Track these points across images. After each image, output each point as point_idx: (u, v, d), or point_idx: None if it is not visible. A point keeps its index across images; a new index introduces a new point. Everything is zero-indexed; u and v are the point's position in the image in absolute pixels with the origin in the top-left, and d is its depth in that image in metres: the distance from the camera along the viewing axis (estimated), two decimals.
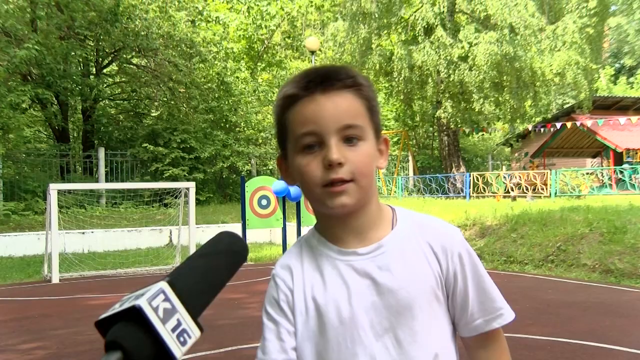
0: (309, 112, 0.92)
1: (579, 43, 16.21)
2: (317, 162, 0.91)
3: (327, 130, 0.91)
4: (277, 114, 0.98)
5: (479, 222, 10.96)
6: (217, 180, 19.27)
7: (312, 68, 0.98)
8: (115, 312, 0.56)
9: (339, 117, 0.91)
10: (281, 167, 1.02)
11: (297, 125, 0.93)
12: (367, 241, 0.97)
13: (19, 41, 13.92)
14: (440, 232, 1.00)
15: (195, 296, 0.60)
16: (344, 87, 0.93)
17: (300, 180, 0.95)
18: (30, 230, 12.52)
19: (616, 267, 7.89)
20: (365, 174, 0.92)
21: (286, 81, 0.98)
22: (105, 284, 8.84)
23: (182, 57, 17.65)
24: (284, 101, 0.95)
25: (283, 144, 0.99)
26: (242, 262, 0.69)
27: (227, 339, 4.98)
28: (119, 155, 17.72)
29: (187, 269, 0.63)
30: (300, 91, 0.93)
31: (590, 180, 16.96)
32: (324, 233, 1.00)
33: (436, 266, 0.97)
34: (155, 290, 0.57)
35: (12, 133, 15.40)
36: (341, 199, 0.91)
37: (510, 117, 18.38)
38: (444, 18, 17.00)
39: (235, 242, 0.70)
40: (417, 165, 23.00)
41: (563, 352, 4.47)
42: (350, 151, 0.91)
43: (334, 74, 0.94)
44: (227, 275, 0.66)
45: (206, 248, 0.67)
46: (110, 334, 0.54)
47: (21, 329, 5.76)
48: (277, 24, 24.12)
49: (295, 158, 0.94)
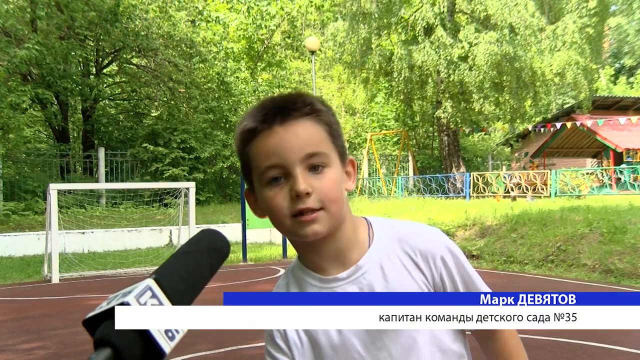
0: (270, 145, 0.90)
1: (579, 43, 16.21)
2: (283, 193, 0.90)
3: (291, 162, 0.89)
4: (239, 148, 0.96)
5: (479, 222, 10.97)
6: (217, 180, 19.27)
7: (268, 99, 0.96)
8: (103, 310, 0.56)
9: (300, 147, 0.89)
10: (249, 200, 1.00)
11: (260, 160, 0.91)
12: (346, 265, 0.96)
13: (19, 41, 13.92)
14: (419, 239, 0.98)
15: (181, 292, 0.61)
16: (301, 115, 0.91)
17: (269, 213, 0.94)
18: (30, 230, 12.53)
19: (616, 267, 7.89)
20: (334, 200, 0.91)
21: (244, 114, 0.96)
22: (105, 284, 8.84)
23: (182, 57, 17.65)
24: (244, 135, 0.93)
25: (248, 178, 0.97)
26: (223, 258, 0.70)
27: (227, 339, 4.97)
28: (119, 155, 17.72)
29: (172, 266, 0.64)
30: (258, 125, 0.91)
31: (590, 180, 16.96)
32: (305, 263, 1.00)
33: (420, 276, 0.96)
34: (142, 287, 0.58)
35: (12, 133, 15.40)
36: (312, 227, 0.90)
37: (510, 117, 18.38)
38: (444, 18, 17.00)
39: (217, 239, 0.71)
40: (417, 165, 23.00)
41: (563, 352, 4.47)
42: (316, 179, 0.90)
43: (290, 103, 0.92)
44: (210, 272, 0.67)
45: (189, 246, 0.68)
46: (99, 332, 0.55)
47: (21, 329, 5.76)
48: (277, 24, 24.12)
49: (262, 192, 0.92)
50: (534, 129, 20.34)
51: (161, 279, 0.60)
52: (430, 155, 25.81)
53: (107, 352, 0.53)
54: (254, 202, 0.98)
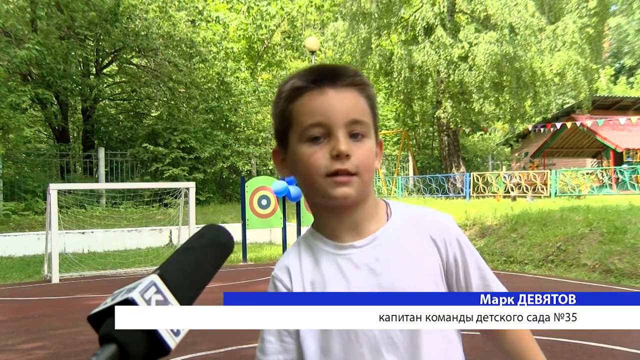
0: (317, 104, 0.93)
1: (579, 43, 16.21)
2: (322, 152, 0.92)
3: (336, 123, 0.92)
4: (281, 106, 0.98)
5: (479, 222, 10.97)
6: (217, 180, 19.27)
7: (317, 65, 0.99)
8: (108, 306, 0.56)
9: (347, 111, 0.93)
10: (277, 159, 1.03)
11: (305, 117, 0.94)
12: (363, 234, 0.98)
13: (19, 41, 13.92)
14: (437, 222, 1.02)
15: (185, 288, 0.61)
16: (351, 84, 0.95)
17: (301, 170, 0.95)
18: (30, 230, 12.52)
19: (616, 267, 7.89)
20: (369, 169, 0.95)
21: (289, 76, 0.99)
22: (105, 284, 8.83)
23: (182, 57, 17.65)
24: (291, 92, 0.96)
25: (283, 136, 0.99)
26: (227, 254, 0.70)
27: (227, 339, 4.97)
28: (119, 155, 17.72)
29: (176, 262, 0.64)
30: (309, 84, 0.94)
31: (590, 180, 16.96)
32: (321, 230, 1.01)
33: (436, 256, 0.99)
34: (146, 283, 0.58)
35: (12, 133, 15.40)
36: (344, 190, 0.92)
37: (510, 117, 18.37)
38: (444, 18, 17.00)
39: (220, 234, 0.71)
40: (417, 165, 23.00)
41: (563, 352, 4.47)
42: (356, 146, 0.93)
43: (342, 70, 0.96)
44: (214, 267, 0.67)
45: (192, 242, 0.68)
46: (104, 328, 0.55)
47: (21, 329, 5.76)
48: (277, 24, 24.12)
49: (299, 148, 0.95)
50: (534, 129, 20.35)
51: (165, 274, 0.60)
52: (430, 155, 25.81)
53: (112, 349, 0.53)
54: (282, 161, 1.01)
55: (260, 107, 21.32)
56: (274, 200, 10.85)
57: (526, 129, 21.71)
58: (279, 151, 1.02)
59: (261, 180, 11.19)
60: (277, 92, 1.01)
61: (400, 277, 0.95)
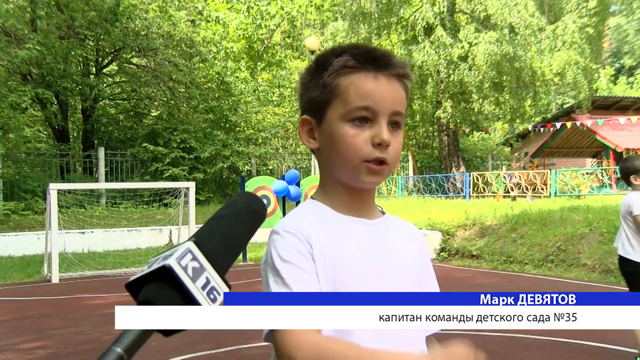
0: (370, 87, 0.94)
1: (578, 43, 16.21)
2: (365, 136, 0.94)
3: (383, 111, 0.94)
4: (325, 78, 0.97)
5: (478, 222, 10.96)
6: (217, 180, 19.26)
7: (367, 46, 1.00)
8: (145, 273, 0.57)
9: (394, 101, 0.95)
10: (304, 128, 1.02)
11: (355, 97, 0.94)
12: (369, 216, 1.03)
13: (19, 41, 13.91)
14: (415, 229, 1.12)
15: (220, 255, 0.61)
16: (401, 75, 0.98)
17: (338, 148, 0.96)
18: (30, 230, 12.52)
19: (616, 267, 7.88)
20: (397, 160, 1.00)
21: (336, 48, 0.99)
22: (105, 283, 8.83)
23: (182, 56, 17.64)
24: (342, 68, 0.96)
25: (320, 107, 0.98)
26: (261, 221, 0.71)
27: (227, 339, 4.97)
28: (118, 155, 17.72)
29: (210, 229, 0.64)
30: (365, 64, 0.95)
31: (590, 180, 16.96)
32: (330, 202, 1.01)
33: (419, 254, 1.07)
34: (182, 250, 0.58)
35: (12, 133, 15.40)
36: (376, 178, 0.96)
37: (510, 117, 18.38)
38: (444, 18, 17.00)
39: (254, 202, 0.71)
40: (417, 165, 23.00)
41: (563, 352, 4.47)
42: (393, 137, 0.96)
43: (393, 58, 0.98)
44: (247, 235, 0.68)
45: (226, 209, 0.68)
46: (143, 294, 0.56)
47: (21, 329, 5.76)
48: (277, 23, 24.11)
49: (341, 126, 0.95)
50: (534, 129, 20.34)
51: (201, 241, 0.60)
52: (430, 155, 25.81)
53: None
54: (310, 130, 1.01)
55: (260, 107, 21.31)
56: (274, 200, 10.85)
57: (526, 129, 21.70)
58: (308, 120, 1.01)
59: (261, 180, 11.18)
60: (320, 62, 1.00)
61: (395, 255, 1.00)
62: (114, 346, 0.53)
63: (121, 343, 0.53)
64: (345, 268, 0.95)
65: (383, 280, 0.96)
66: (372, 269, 0.97)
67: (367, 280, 0.96)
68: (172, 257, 0.56)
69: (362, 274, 0.96)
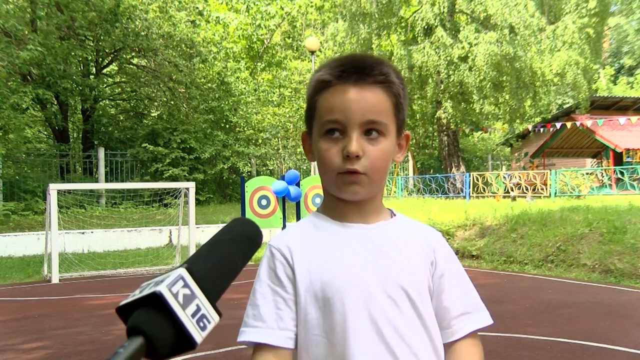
0: (337, 101, 0.96)
1: (578, 43, 16.21)
2: (337, 149, 0.96)
3: (351, 122, 0.95)
4: (309, 95, 1.03)
5: (478, 222, 10.96)
6: (217, 181, 19.26)
7: (349, 56, 1.01)
8: (136, 298, 0.56)
9: (364, 112, 0.95)
10: (305, 143, 1.07)
11: (325, 111, 0.97)
12: (369, 222, 1.03)
13: (19, 42, 13.91)
14: (432, 232, 1.09)
15: (213, 282, 0.61)
16: (375, 82, 0.97)
17: (318, 162, 1.01)
18: (30, 230, 12.52)
19: (616, 267, 7.89)
20: (379, 170, 0.98)
21: (323, 63, 1.02)
22: (105, 284, 8.83)
23: (182, 57, 17.65)
24: (317, 84, 1.00)
25: (310, 123, 1.03)
26: (256, 248, 0.71)
27: (227, 339, 4.96)
28: (118, 155, 17.72)
29: (204, 255, 0.64)
30: (333, 78, 0.97)
31: (590, 180, 16.96)
32: (329, 214, 1.05)
33: (430, 258, 1.03)
34: (174, 276, 0.58)
35: (12, 133, 15.39)
36: (353, 188, 0.97)
37: (510, 117, 18.38)
38: (444, 18, 17.00)
39: (249, 228, 0.71)
40: (417, 166, 23.00)
41: (563, 352, 4.47)
42: (370, 145, 0.96)
43: (368, 68, 0.97)
44: (241, 261, 0.67)
45: (221, 235, 0.68)
46: (132, 320, 0.55)
47: (21, 329, 5.76)
48: (277, 23, 24.12)
49: (318, 141, 0.99)
50: (534, 129, 20.35)
51: (193, 268, 0.60)
52: (430, 155, 25.81)
53: (140, 341, 0.54)
54: (309, 145, 1.05)
55: (260, 107, 21.31)
56: (274, 201, 10.84)
57: (526, 129, 21.71)
58: (307, 137, 1.06)
59: (261, 181, 11.17)
60: (310, 79, 1.05)
61: (397, 259, 0.99)
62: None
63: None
64: (337, 278, 0.96)
65: (382, 285, 0.96)
66: (368, 274, 0.97)
67: (363, 286, 0.96)
68: (163, 284, 0.56)
69: (355, 281, 0.96)
